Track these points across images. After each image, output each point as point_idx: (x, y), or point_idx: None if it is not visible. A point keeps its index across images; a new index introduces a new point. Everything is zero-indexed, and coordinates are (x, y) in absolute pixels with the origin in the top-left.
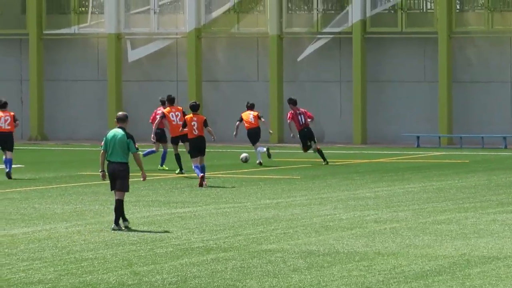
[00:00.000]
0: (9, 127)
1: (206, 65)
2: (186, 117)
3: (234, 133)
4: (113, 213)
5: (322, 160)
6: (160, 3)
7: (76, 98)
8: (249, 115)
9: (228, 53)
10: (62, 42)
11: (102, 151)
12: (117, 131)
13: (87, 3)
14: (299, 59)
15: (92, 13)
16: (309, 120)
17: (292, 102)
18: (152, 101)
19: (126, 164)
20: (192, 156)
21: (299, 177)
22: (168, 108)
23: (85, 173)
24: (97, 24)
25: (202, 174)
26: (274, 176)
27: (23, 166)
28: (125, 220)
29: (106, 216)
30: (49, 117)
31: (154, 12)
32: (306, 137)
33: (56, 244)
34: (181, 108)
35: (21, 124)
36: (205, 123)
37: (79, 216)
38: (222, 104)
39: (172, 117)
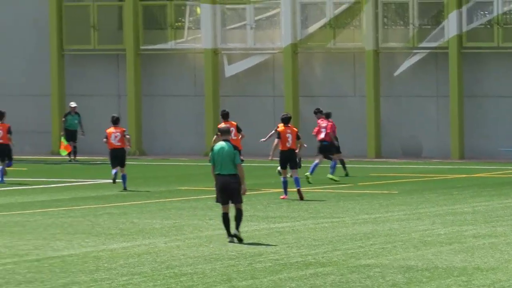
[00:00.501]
0: (119, 144)
1: (302, 80)
2: (279, 129)
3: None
4: (211, 227)
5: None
6: (256, 18)
7: (174, 113)
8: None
9: (324, 68)
10: (159, 57)
11: (212, 165)
12: (224, 144)
13: (183, 19)
14: (395, 74)
15: (188, 28)
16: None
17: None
18: (249, 116)
19: (237, 176)
20: (282, 167)
21: (396, 192)
22: (222, 124)
23: (184, 188)
24: (194, 40)
25: (298, 188)
26: (371, 191)
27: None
28: (235, 233)
29: (204, 231)
30: (147, 133)
31: (251, 28)
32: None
33: (155, 258)
34: (235, 123)
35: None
36: (298, 136)
37: (178, 230)
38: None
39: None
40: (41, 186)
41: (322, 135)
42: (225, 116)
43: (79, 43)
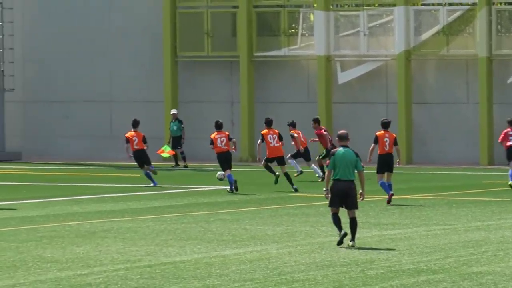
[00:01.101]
0: (226, 147)
1: (415, 87)
2: (377, 133)
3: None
4: (323, 233)
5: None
6: (369, 25)
7: (287, 120)
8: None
9: (437, 75)
10: (272, 64)
11: (329, 170)
12: (346, 150)
13: (297, 26)
14: (508, 81)
15: (302, 35)
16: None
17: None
18: (361, 123)
19: (354, 182)
20: (378, 172)
21: (509, 199)
22: (266, 130)
23: (296, 195)
24: (307, 46)
25: (391, 192)
26: (484, 198)
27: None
28: (353, 244)
29: (316, 237)
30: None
31: (364, 34)
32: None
33: (267, 265)
34: (277, 131)
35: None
36: (395, 141)
37: (290, 237)
38: (431, 126)
39: (270, 139)
40: (154, 192)
41: (510, 142)
42: (269, 124)
43: (192, 50)
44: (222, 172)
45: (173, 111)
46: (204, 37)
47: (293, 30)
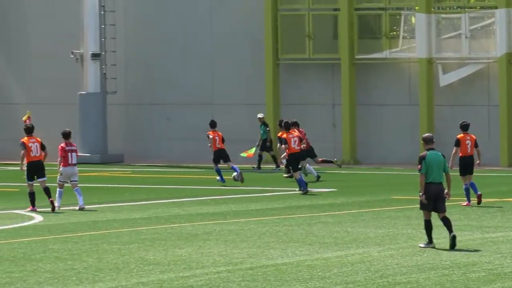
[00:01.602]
0: (299, 148)
1: None
2: (458, 136)
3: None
4: (425, 236)
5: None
6: (471, 28)
7: (388, 123)
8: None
9: None
10: (374, 67)
11: (422, 174)
12: (434, 153)
13: (398, 28)
14: None
15: (403, 37)
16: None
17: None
18: None
19: (442, 184)
20: (462, 174)
21: None
22: (283, 132)
23: (398, 197)
24: (408, 49)
25: (479, 193)
26: None
27: (336, 190)
28: (454, 234)
29: (418, 240)
30: (362, 142)
31: (466, 37)
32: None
33: (369, 267)
34: (297, 133)
35: (334, 148)
36: (476, 144)
37: (392, 240)
38: None
39: (292, 142)
40: (255, 194)
41: None
42: (287, 126)
43: (294, 53)
44: (237, 173)
45: (259, 115)
46: (305, 40)
47: (394, 33)
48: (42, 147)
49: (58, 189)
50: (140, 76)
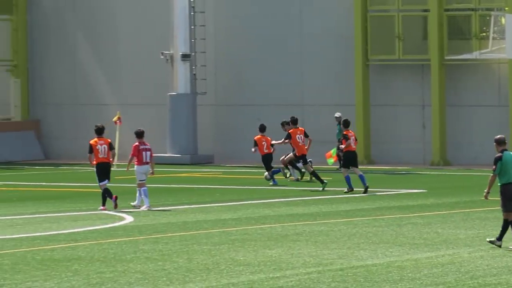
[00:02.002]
0: (355, 147)
1: None
2: None
3: None
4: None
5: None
6: None
7: (478, 124)
8: None
9: None
10: (463, 68)
11: (495, 175)
12: (509, 154)
13: (488, 29)
14: None
15: (493, 38)
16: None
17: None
18: None
19: None
20: None
21: None
22: (293, 129)
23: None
24: (498, 50)
25: None
26: None
27: (425, 191)
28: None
29: (508, 241)
30: (452, 142)
31: None
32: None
33: (459, 268)
34: (303, 129)
35: (423, 149)
36: None
37: (482, 241)
38: None
39: (298, 139)
40: (345, 195)
41: None
42: (295, 122)
43: (384, 53)
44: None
45: (336, 114)
46: (395, 41)
47: (484, 34)
48: (110, 147)
49: (141, 189)
50: (229, 77)
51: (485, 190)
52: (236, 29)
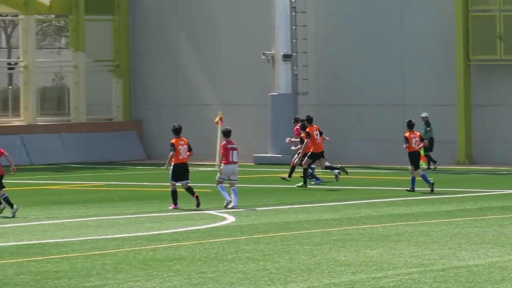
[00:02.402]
0: (417, 147)
1: None
2: None
3: None
4: None
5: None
6: None
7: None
8: None
9: None
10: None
11: None
12: None
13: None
14: None
15: None
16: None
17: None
18: None
19: None
20: None
21: None
22: (309, 127)
23: None
24: None
25: None
26: None
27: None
28: None
29: None
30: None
31: None
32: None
33: None
34: (317, 126)
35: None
36: None
37: None
38: None
39: (316, 135)
40: (447, 196)
41: None
42: (310, 121)
43: (485, 53)
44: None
45: (423, 114)
46: (496, 41)
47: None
48: (189, 148)
49: (231, 188)
50: (330, 77)
51: None
52: (337, 29)
